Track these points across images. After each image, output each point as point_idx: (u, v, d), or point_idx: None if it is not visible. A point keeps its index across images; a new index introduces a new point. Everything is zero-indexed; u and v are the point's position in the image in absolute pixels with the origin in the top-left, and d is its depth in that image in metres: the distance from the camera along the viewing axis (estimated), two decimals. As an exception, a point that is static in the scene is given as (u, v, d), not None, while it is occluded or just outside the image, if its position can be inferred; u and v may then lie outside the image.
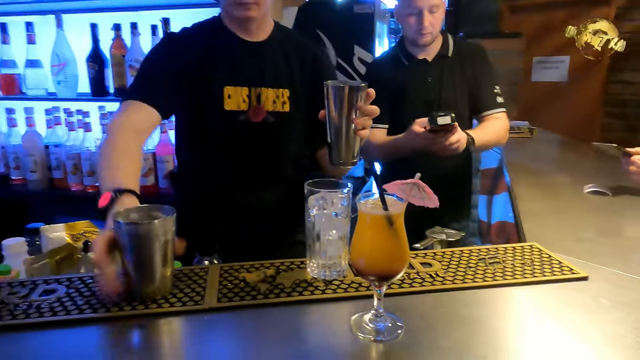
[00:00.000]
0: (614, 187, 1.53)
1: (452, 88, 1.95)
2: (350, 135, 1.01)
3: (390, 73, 1.99)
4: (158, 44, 1.29)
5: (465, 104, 1.98)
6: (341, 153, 1.03)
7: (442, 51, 1.96)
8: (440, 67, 1.96)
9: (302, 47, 1.34)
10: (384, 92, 1.93)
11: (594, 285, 0.90)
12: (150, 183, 2.19)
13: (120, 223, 0.80)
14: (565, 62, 4.15)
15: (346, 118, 0.99)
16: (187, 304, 0.82)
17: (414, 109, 1.92)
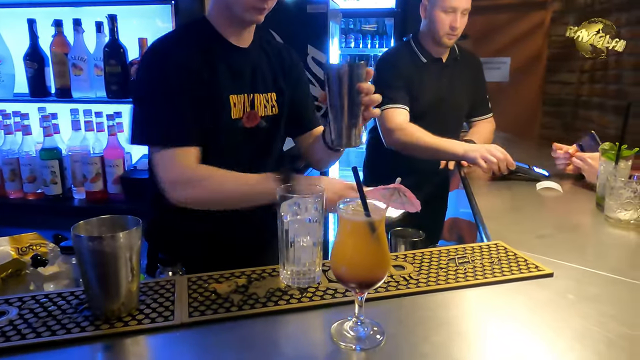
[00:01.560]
0: (563, 183, 1.60)
1: (458, 89, 2.09)
2: (353, 116, 1.03)
3: (411, 66, 2.03)
4: (154, 66, 1.14)
5: (467, 106, 2.14)
6: (345, 135, 1.04)
7: (452, 54, 2.06)
8: (451, 69, 2.08)
9: (281, 51, 1.34)
10: (405, 81, 1.94)
11: (559, 282, 0.93)
12: (98, 189, 2.07)
13: (82, 237, 0.74)
14: (507, 63, 4.34)
15: (348, 98, 1.00)
16: (157, 320, 0.77)
17: (424, 103, 2.00)
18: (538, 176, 1.69)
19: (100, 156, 2.06)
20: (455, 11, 1.91)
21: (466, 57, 2.18)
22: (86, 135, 2.09)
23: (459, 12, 1.91)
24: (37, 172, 2.09)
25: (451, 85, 2.08)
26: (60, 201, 2.10)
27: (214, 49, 1.17)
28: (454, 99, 2.11)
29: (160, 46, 1.16)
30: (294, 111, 1.35)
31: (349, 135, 1.04)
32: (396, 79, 2.01)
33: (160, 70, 1.12)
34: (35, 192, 2.13)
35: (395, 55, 2.11)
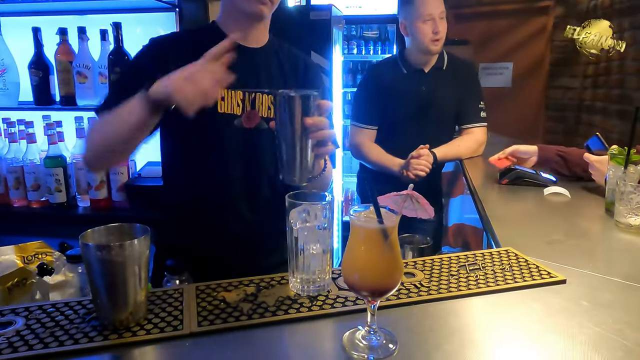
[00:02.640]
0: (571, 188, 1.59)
1: (442, 99, 2.15)
2: (302, 150, 0.94)
3: (388, 78, 2.20)
4: (142, 49, 1.20)
5: (451, 115, 2.19)
6: (293, 170, 0.95)
7: (437, 64, 2.15)
8: (434, 78, 2.14)
9: (295, 56, 1.33)
10: (379, 95, 2.10)
11: (572, 288, 0.92)
12: (102, 196, 2.07)
13: (90, 246, 0.73)
14: (509, 69, 4.34)
15: (296, 130, 0.92)
16: (165, 329, 0.76)
17: (404, 113, 2.11)
18: (545, 181, 1.68)
19: (104, 164, 2.06)
20: (433, 17, 2.03)
21: (456, 65, 2.21)
22: (90, 143, 2.08)
23: (436, 17, 2.03)
24: (41, 180, 2.09)
25: (432, 94, 2.15)
26: (65, 209, 2.10)
27: (213, 44, 1.17)
28: (434, 108, 2.16)
29: (156, 37, 1.21)
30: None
31: (294, 170, 0.95)
32: (367, 98, 2.25)
33: (145, 50, 1.19)
34: (40, 200, 2.13)
35: (372, 71, 2.30)
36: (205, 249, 1.22)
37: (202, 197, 1.23)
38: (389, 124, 2.21)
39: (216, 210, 1.23)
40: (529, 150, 1.86)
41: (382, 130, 2.24)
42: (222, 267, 1.20)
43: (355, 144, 2.28)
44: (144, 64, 1.16)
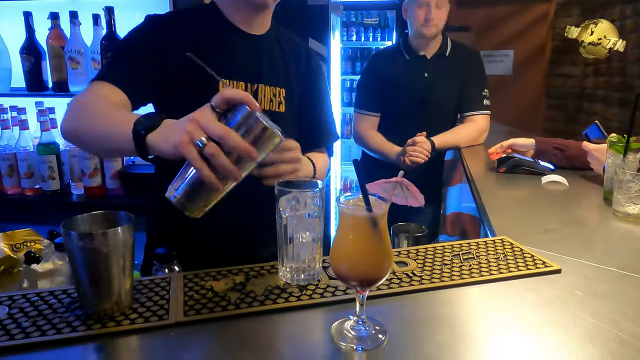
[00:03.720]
0: (569, 177, 1.57)
1: (444, 85, 2.14)
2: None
3: (391, 65, 2.21)
4: (138, 25, 1.15)
5: (454, 102, 2.19)
6: (194, 199, 0.77)
7: (440, 50, 2.15)
8: (436, 65, 2.13)
9: (297, 45, 1.29)
10: (382, 82, 2.10)
11: (567, 278, 0.90)
12: (96, 184, 2.05)
13: (72, 234, 0.71)
14: (510, 56, 4.29)
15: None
16: (151, 319, 0.75)
17: (407, 100, 2.11)
18: (543, 170, 1.66)
19: (98, 151, 2.03)
20: (429, 5, 2.04)
21: (460, 52, 2.20)
22: (84, 129, 2.06)
23: (432, 4, 2.04)
24: (34, 168, 2.07)
25: (433, 81, 2.14)
26: (59, 197, 2.08)
27: (212, 27, 1.14)
28: (437, 94, 2.16)
29: (152, 15, 1.16)
30: (304, 121, 1.29)
31: (199, 201, 0.77)
32: (369, 85, 2.27)
33: (142, 27, 1.14)
34: (33, 187, 2.11)
35: (376, 58, 2.31)
36: (195, 239, 1.20)
37: None
38: (392, 111, 2.21)
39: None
40: (526, 144, 1.85)
41: (385, 118, 2.24)
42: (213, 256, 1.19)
43: (357, 131, 2.28)
44: (140, 43, 1.11)
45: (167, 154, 0.78)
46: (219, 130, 0.71)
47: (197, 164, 0.71)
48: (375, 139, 2.20)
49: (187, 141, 0.72)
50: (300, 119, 1.27)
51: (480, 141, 2.23)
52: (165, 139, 0.79)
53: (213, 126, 0.72)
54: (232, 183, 0.76)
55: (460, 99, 2.20)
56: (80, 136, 1.01)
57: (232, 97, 0.76)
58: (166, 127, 0.82)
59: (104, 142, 0.95)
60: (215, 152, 0.71)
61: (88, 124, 0.98)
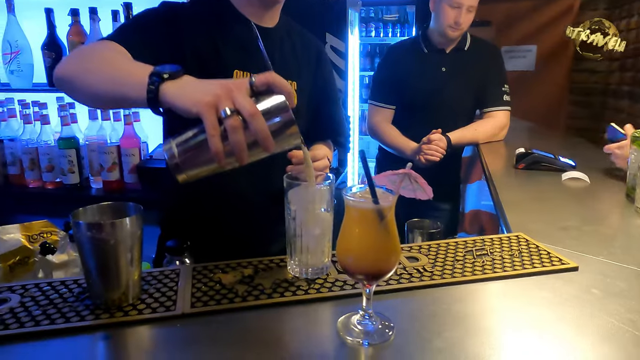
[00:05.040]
0: (591, 173, 1.53)
1: (462, 80, 2.11)
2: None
3: (408, 57, 2.18)
4: (153, 7, 1.11)
5: (471, 97, 2.15)
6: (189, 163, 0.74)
7: (459, 45, 2.11)
8: (454, 59, 2.10)
9: (307, 38, 1.28)
10: (398, 74, 2.08)
11: (584, 276, 0.88)
12: (114, 178, 2.08)
13: (80, 224, 0.71)
14: (533, 51, 4.20)
15: None
16: (157, 310, 0.75)
17: (423, 94, 2.08)
18: (564, 166, 1.62)
19: (116, 145, 2.07)
20: (461, 7, 1.99)
21: (479, 47, 2.16)
22: (103, 124, 2.09)
23: (464, 8, 1.99)
24: (55, 161, 2.11)
25: (452, 76, 2.10)
26: (78, 190, 2.12)
27: (225, 18, 1.13)
28: (454, 89, 2.11)
29: (167, 1, 1.14)
30: (315, 116, 1.28)
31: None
32: (385, 76, 2.23)
33: (157, 9, 1.10)
34: (54, 181, 2.15)
35: (393, 50, 2.26)
36: (207, 232, 1.21)
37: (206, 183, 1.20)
38: (407, 105, 2.17)
39: (221, 196, 1.20)
40: None
41: (400, 111, 2.20)
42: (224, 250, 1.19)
43: (371, 123, 2.25)
44: (155, 21, 1.08)
45: (180, 108, 0.72)
46: (250, 108, 0.68)
47: (212, 130, 0.67)
48: (391, 132, 2.17)
49: (212, 104, 0.68)
50: (310, 113, 1.27)
51: (500, 137, 2.19)
52: (185, 93, 0.73)
53: (247, 101, 0.68)
54: (233, 165, 0.72)
55: (479, 94, 2.16)
56: (78, 77, 0.90)
57: (277, 83, 0.73)
58: (189, 82, 0.76)
59: (108, 85, 0.85)
60: (237, 127, 0.67)
61: (92, 65, 0.90)
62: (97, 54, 0.94)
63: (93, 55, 0.94)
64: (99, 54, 0.94)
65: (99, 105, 0.98)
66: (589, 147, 2.14)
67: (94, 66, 0.90)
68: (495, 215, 2.45)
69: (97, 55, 0.93)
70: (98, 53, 0.94)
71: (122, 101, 0.86)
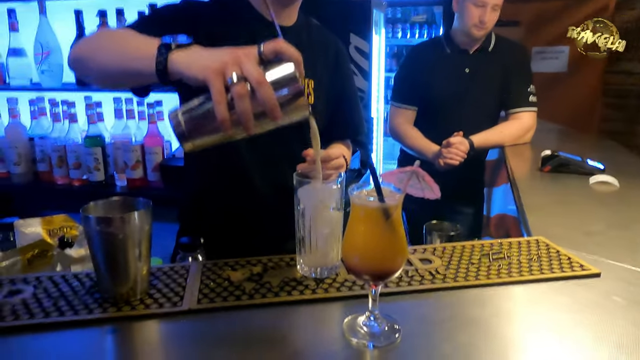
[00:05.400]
0: (621, 177, 1.46)
1: (486, 81, 2.07)
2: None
3: (430, 58, 2.14)
4: (174, 4, 1.11)
5: (495, 99, 2.11)
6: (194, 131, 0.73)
7: (483, 45, 2.08)
8: (479, 60, 2.07)
9: (326, 37, 1.27)
10: (420, 74, 2.05)
11: (606, 283, 0.84)
12: (138, 176, 2.11)
13: (90, 218, 0.72)
14: (565, 52, 4.07)
15: None
16: (164, 305, 0.75)
17: (446, 96, 2.05)
18: (592, 169, 1.56)
19: (140, 144, 2.10)
20: (485, 5, 1.94)
21: (504, 47, 2.09)
22: (128, 123, 2.13)
23: (489, 6, 1.94)
24: (82, 159, 2.16)
25: (475, 77, 2.05)
26: (103, 187, 2.16)
27: (241, 17, 1.13)
28: (478, 91, 2.06)
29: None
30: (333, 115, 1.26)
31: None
32: (407, 76, 2.19)
33: (176, 5, 1.10)
34: (81, 178, 2.20)
35: (416, 51, 2.23)
36: (223, 230, 1.21)
37: (223, 182, 1.20)
38: (429, 106, 2.13)
39: (236, 193, 1.20)
40: None
41: (422, 113, 2.16)
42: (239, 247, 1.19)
43: (393, 125, 2.21)
44: (174, 14, 1.09)
45: (188, 76, 0.72)
46: (258, 75, 0.66)
47: (218, 97, 0.66)
48: (412, 134, 2.14)
49: (219, 71, 0.67)
50: (328, 112, 1.25)
51: (526, 140, 2.13)
52: (193, 60, 0.72)
53: (255, 68, 0.67)
54: (240, 135, 0.71)
55: (504, 95, 2.10)
56: (91, 54, 0.92)
57: (286, 51, 0.71)
58: (197, 51, 0.76)
59: (118, 60, 0.86)
60: (244, 94, 0.66)
61: (105, 43, 0.91)
62: (110, 34, 0.97)
63: (107, 35, 0.96)
64: (112, 34, 0.96)
65: (110, 83, 0.99)
66: (621, 150, 2.07)
67: (106, 44, 0.91)
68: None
69: (111, 35, 0.95)
70: (112, 33, 0.97)
71: (133, 75, 0.86)
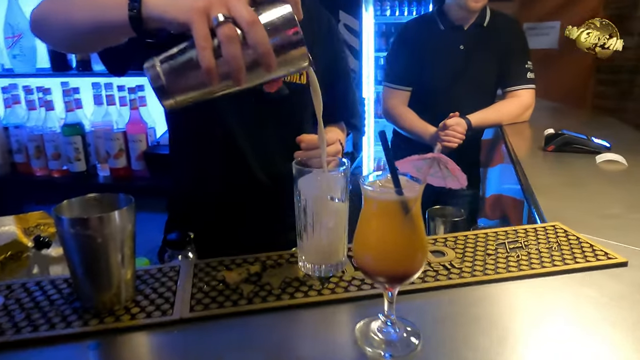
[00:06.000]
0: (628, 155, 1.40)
1: (482, 58, 1.99)
2: None
3: (423, 35, 2.04)
4: None
5: (492, 76, 2.03)
6: (174, 82, 0.63)
7: (477, 21, 1.98)
8: (473, 36, 1.98)
9: (318, 11, 1.17)
10: (413, 53, 1.95)
11: (634, 272, 0.77)
12: (122, 165, 2.01)
13: (63, 220, 0.63)
14: (556, 28, 4.00)
15: None
16: (153, 314, 0.67)
17: (441, 74, 1.96)
18: (598, 147, 1.49)
19: (123, 132, 1.99)
20: None
21: (500, 22, 2.00)
22: (108, 109, 2.02)
23: None
24: (61, 149, 2.05)
25: (470, 54, 1.97)
26: (85, 178, 2.05)
27: None
28: (474, 68, 1.97)
29: None
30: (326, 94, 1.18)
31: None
32: (400, 56, 2.09)
33: None
34: (61, 169, 2.09)
35: (408, 28, 2.11)
36: (214, 222, 1.13)
37: (212, 170, 1.12)
38: (424, 86, 2.05)
39: (228, 181, 1.12)
40: None
41: (417, 93, 2.08)
42: (232, 240, 1.11)
43: (387, 107, 2.12)
44: None
45: (167, 20, 0.62)
46: (248, 15, 0.57)
47: (202, 41, 0.56)
48: (408, 116, 2.05)
49: (203, 11, 0.57)
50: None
51: (525, 118, 2.06)
52: (172, 1, 0.62)
53: (245, 7, 0.57)
54: (229, 88, 0.61)
55: (501, 73, 2.03)
56: (54, 12, 0.81)
57: None
58: None
59: (85, 13, 0.75)
60: (232, 36, 0.56)
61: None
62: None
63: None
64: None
65: (80, 44, 0.86)
66: (623, 127, 2.01)
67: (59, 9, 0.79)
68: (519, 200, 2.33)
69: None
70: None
71: (103, 30, 0.74)
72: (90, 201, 0.69)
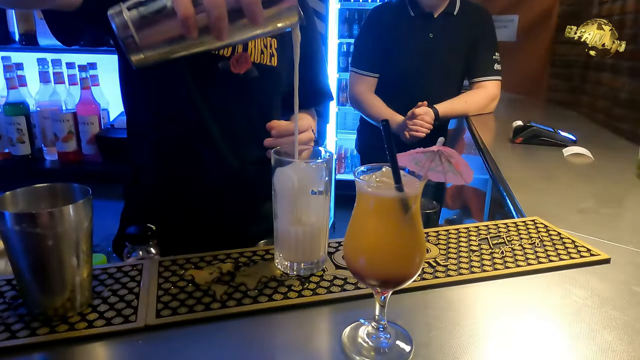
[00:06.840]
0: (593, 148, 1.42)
1: (451, 47, 1.97)
2: None
3: (393, 21, 1.98)
4: None
5: (460, 65, 2.01)
6: (145, 35, 0.56)
7: (448, 8, 1.94)
8: (443, 24, 1.94)
9: None
10: (382, 39, 1.90)
11: (619, 270, 0.76)
12: (71, 149, 1.86)
13: (6, 215, 0.54)
14: (514, 21, 4.07)
15: None
16: (114, 321, 0.59)
17: (409, 62, 1.93)
18: (564, 140, 1.51)
19: (72, 112, 1.84)
20: None
21: (470, 11, 1.99)
22: (56, 88, 1.86)
23: None
24: (2, 130, 1.88)
25: (439, 42, 1.95)
26: (30, 162, 1.89)
27: None
28: (442, 57, 1.96)
29: None
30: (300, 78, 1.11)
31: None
32: (368, 41, 2.05)
33: None
34: (2, 152, 1.92)
35: (377, 12, 2.06)
36: (178, 212, 1.04)
37: (176, 152, 1.03)
38: (392, 73, 2.01)
39: (192, 167, 1.03)
40: None
41: (384, 80, 2.04)
42: (198, 234, 1.03)
43: (354, 93, 2.07)
44: None
45: None
46: None
47: None
48: (374, 102, 2.01)
49: None
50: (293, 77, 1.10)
51: (490, 109, 2.07)
52: None
53: None
54: (208, 43, 0.54)
55: (469, 63, 2.02)
56: None
57: None
58: None
59: None
60: None
61: None
62: None
63: None
64: None
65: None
66: (586, 120, 2.05)
67: None
68: (481, 191, 2.34)
69: None
70: None
71: None
72: (38, 192, 0.60)
